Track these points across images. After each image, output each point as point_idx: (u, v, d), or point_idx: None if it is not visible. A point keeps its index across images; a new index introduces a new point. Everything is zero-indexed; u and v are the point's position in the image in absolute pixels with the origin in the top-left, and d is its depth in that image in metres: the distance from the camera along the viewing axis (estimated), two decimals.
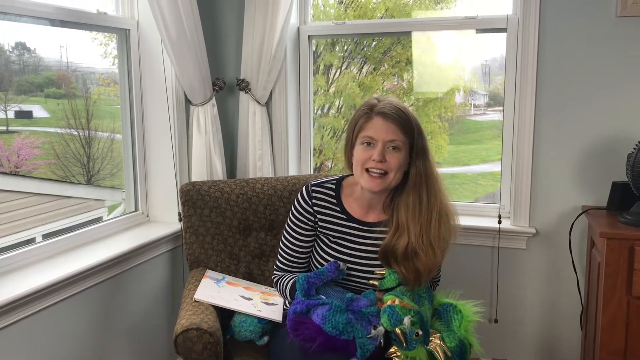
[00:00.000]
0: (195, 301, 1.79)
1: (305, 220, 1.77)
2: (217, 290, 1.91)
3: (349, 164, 1.71)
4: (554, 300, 2.44)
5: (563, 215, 2.36)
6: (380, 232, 1.71)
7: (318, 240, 1.80)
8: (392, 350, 1.50)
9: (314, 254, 1.82)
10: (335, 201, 1.76)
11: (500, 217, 2.43)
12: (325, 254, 1.76)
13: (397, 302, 1.54)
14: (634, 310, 1.89)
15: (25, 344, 1.73)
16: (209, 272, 2.04)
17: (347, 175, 1.80)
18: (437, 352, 1.50)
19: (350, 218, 1.74)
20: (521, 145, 2.37)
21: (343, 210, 1.75)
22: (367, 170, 1.63)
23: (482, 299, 2.51)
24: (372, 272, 1.71)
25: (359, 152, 1.64)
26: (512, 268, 2.47)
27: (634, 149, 2.01)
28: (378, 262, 1.70)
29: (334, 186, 1.77)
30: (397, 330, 1.48)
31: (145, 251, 2.24)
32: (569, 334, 2.43)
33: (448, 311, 1.62)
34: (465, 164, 3.28)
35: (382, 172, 1.61)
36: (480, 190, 3.19)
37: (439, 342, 1.53)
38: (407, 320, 1.48)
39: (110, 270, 2.06)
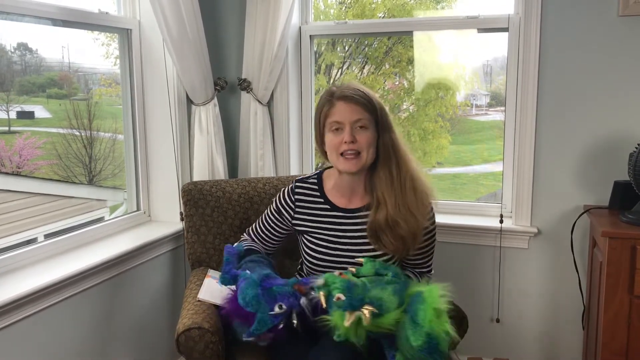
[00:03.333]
0: (198, 301, 1.79)
1: (282, 216, 1.85)
2: (220, 290, 1.90)
3: (324, 153, 1.76)
4: (555, 300, 2.44)
5: (565, 214, 2.36)
6: (366, 215, 1.74)
7: (306, 234, 1.82)
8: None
9: (303, 248, 1.83)
10: (318, 194, 1.82)
11: (502, 216, 2.42)
12: (315, 244, 1.78)
13: (336, 273, 1.58)
14: (636, 309, 1.89)
15: (26, 343, 1.74)
16: (211, 272, 2.04)
17: (327, 168, 1.85)
18: (364, 314, 1.45)
19: (334, 207, 1.78)
20: (523, 144, 2.37)
21: (327, 201, 1.80)
22: (341, 154, 1.67)
23: (484, 298, 2.52)
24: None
25: (329, 139, 1.69)
26: (513, 267, 2.47)
27: (636, 148, 2.01)
28: (367, 247, 1.73)
29: (315, 180, 1.84)
30: (320, 292, 1.52)
31: (147, 251, 2.24)
32: (571, 334, 2.43)
33: (414, 302, 1.48)
34: (467, 164, 3.28)
35: (355, 152, 1.66)
36: (482, 190, 3.19)
37: (368, 309, 1.46)
38: (320, 281, 1.53)
39: (112, 270, 2.07)
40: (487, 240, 2.47)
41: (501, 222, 2.41)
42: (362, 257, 1.71)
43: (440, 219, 2.51)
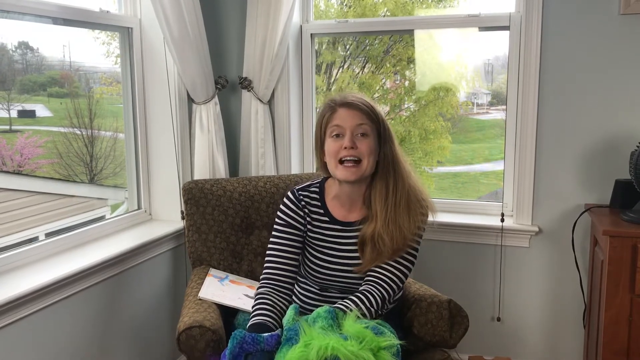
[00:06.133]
0: (199, 299, 1.79)
1: (296, 224, 1.72)
2: (221, 289, 1.91)
3: (322, 165, 1.71)
4: (556, 299, 2.44)
5: (566, 213, 2.35)
6: (360, 229, 1.70)
7: (306, 245, 1.76)
8: None
9: (301, 257, 1.77)
10: (319, 204, 1.74)
11: (503, 215, 2.42)
12: (312, 256, 1.74)
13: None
14: (637, 308, 1.89)
15: (28, 341, 1.74)
16: (212, 271, 2.04)
17: (328, 177, 1.78)
18: None
19: (333, 220, 1.73)
20: (524, 143, 2.36)
21: (326, 213, 1.73)
22: (340, 161, 1.62)
23: (485, 297, 2.52)
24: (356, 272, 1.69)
25: (329, 145, 1.64)
26: (515, 266, 2.47)
27: (637, 146, 2.01)
28: (358, 262, 1.68)
29: (317, 189, 1.77)
30: None
31: (148, 249, 2.24)
32: (572, 333, 2.43)
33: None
34: (468, 163, 3.28)
35: (355, 159, 1.61)
36: (483, 189, 3.20)
37: None
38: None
39: (113, 269, 2.07)
40: (488, 239, 2.47)
41: (502, 220, 2.41)
42: (352, 272, 1.68)
43: (441, 217, 2.51)
